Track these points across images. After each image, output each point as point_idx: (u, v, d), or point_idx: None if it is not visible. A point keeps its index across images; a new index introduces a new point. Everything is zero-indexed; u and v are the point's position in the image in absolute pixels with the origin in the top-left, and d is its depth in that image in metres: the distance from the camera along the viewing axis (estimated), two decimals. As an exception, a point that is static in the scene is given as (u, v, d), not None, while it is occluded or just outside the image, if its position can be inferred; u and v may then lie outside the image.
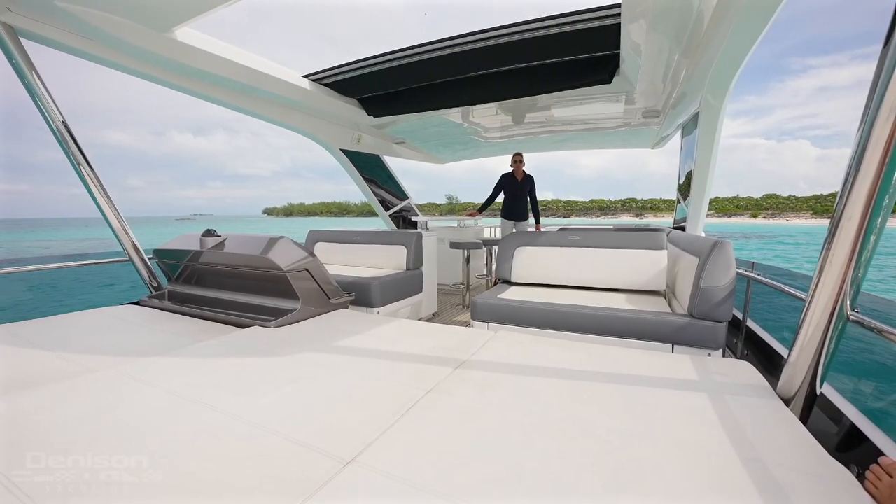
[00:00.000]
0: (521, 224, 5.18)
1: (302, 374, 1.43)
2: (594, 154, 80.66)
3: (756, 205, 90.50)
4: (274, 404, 1.19)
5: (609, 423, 1.09)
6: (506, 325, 2.34)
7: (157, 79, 2.73)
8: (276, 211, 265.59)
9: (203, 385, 1.32)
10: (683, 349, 1.96)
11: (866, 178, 0.98)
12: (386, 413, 1.14)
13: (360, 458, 0.93)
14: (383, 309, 3.04)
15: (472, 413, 1.15)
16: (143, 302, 2.66)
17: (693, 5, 1.97)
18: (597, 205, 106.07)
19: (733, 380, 1.40)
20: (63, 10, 2.01)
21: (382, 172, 5.58)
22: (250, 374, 1.43)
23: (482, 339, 1.87)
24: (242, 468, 0.89)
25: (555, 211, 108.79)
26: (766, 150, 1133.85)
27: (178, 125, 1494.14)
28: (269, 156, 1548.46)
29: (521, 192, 5.15)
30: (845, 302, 1.11)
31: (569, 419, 1.11)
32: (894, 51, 0.89)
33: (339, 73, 3.19)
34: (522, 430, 1.06)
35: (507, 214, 5.24)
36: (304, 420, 1.10)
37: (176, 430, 1.04)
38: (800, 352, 1.23)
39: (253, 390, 1.29)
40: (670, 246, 2.78)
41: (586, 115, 4.17)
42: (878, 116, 0.93)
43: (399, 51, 2.89)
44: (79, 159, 2.42)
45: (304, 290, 2.24)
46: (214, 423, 1.08)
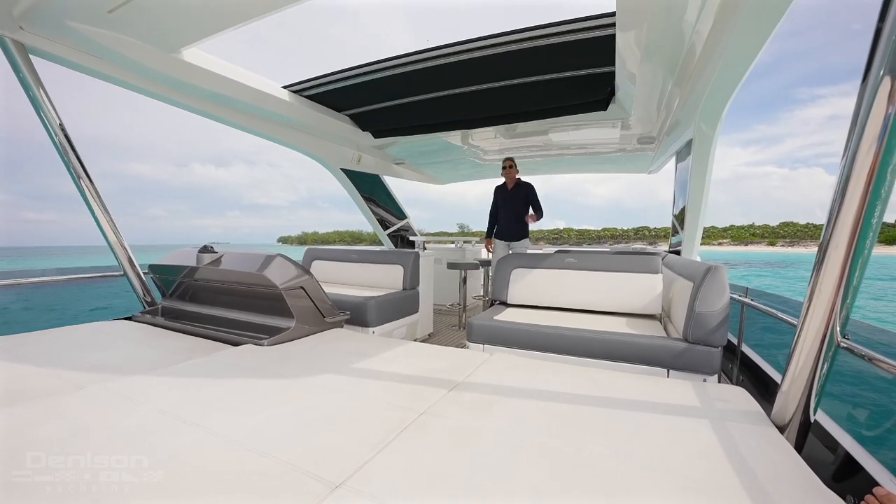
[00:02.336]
0: (516, 245, 4.34)
1: (294, 394, 1.41)
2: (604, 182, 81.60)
3: (773, 233, 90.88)
4: (263, 424, 1.17)
5: (604, 449, 1.08)
6: (501, 348, 2.32)
7: (162, 97, 2.79)
8: (290, 240, 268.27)
9: (191, 403, 1.30)
10: (679, 374, 1.95)
11: (851, 208, 1.01)
12: (378, 435, 1.12)
13: (350, 481, 0.91)
14: (379, 328, 3.02)
15: (464, 437, 1.13)
16: (135, 317, 2.63)
17: (685, 38, 2.05)
18: (609, 233, 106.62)
19: (728, 406, 1.39)
20: (74, 29, 2.07)
21: (382, 192, 5.65)
22: (240, 392, 1.41)
23: (477, 360, 1.85)
24: (228, 489, 0.87)
25: (566, 240, 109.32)
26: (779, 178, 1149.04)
27: (200, 157, 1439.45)
28: (286, 186, 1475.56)
29: (516, 204, 4.29)
30: (835, 329, 1.12)
31: (563, 445, 1.10)
32: (872, 86, 0.93)
33: (327, 83, 3.11)
34: (515, 455, 1.04)
35: (500, 232, 4.43)
36: (293, 441, 1.08)
37: (160, 449, 1.02)
38: (792, 379, 1.23)
39: (242, 409, 1.27)
40: (665, 270, 2.80)
41: (583, 139, 4.27)
42: (859, 148, 0.97)
43: (393, 58, 2.79)
44: (79, 173, 2.44)
45: (299, 309, 2.23)
46: (201, 442, 1.06)
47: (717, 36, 1.92)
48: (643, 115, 3.39)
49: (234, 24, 2.02)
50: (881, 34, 0.91)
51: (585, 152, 4.82)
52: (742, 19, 1.64)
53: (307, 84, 3.14)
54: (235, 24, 2.02)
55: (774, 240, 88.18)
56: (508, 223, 4.35)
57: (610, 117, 3.34)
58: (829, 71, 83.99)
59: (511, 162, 4.30)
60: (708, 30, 1.94)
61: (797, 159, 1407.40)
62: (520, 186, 4.32)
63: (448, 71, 2.82)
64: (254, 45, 70.28)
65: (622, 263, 2.80)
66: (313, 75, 3.07)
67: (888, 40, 0.90)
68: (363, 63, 2.88)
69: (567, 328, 2.23)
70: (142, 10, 1.91)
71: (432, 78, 2.94)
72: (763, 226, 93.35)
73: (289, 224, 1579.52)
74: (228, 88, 2.75)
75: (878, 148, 0.94)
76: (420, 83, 3.03)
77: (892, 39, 0.89)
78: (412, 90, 3.17)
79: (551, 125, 3.73)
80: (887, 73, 0.90)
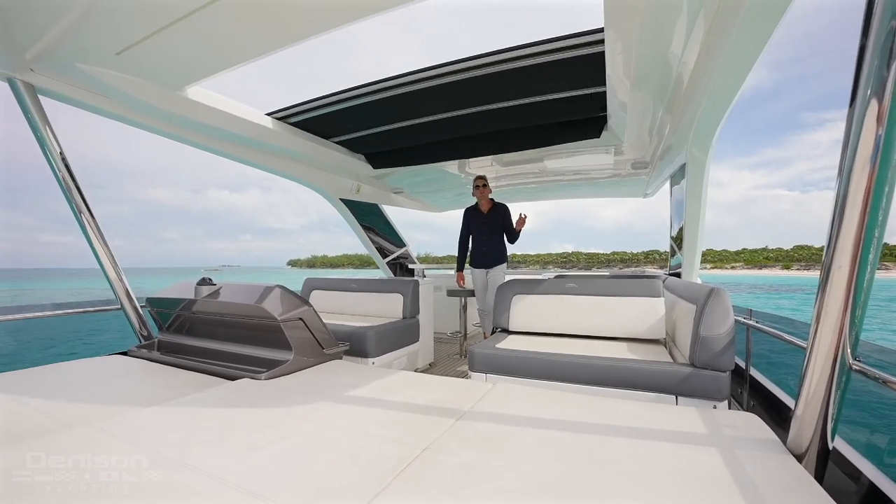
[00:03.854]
0: (494, 271, 3.92)
1: (290, 431, 1.36)
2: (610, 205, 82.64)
3: (787, 256, 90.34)
4: (258, 465, 1.12)
5: (615, 483, 1.03)
6: (504, 377, 2.27)
7: (165, 132, 2.85)
8: (299, 263, 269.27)
9: (185, 443, 1.25)
10: (688, 400, 1.90)
11: (850, 228, 1.01)
12: (378, 475, 1.07)
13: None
14: (378, 359, 2.97)
15: (468, 475, 1.08)
16: (130, 352, 2.58)
17: (672, 68, 2.12)
18: (619, 257, 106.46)
19: (741, 433, 1.34)
20: (83, 70, 2.14)
21: (380, 220, 5.69)
22: (236, 431, 1.36)
23: (480, 391, 1.81)
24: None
25: (575, 263, 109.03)
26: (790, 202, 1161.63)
27: (216, 183, 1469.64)
28: (297, 210, 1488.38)
29: (490, 228, 3.93)
30: (846, 351, 1.10)
31: (573, 479, 1.05)
32: (860, 108, 0.95)
33: (322, 110, 3.03)
34: (523, 493, 0.99)
35: (475, 259, 4.02)
36: (290, 483, 1.03)
37: (152, 493, 0.97)
38: (806, 404, 1.19)
39: (236, 450, 1.22)
40: (667, 293, 2.78)
41: (577, 166, 4.35)
42: (853, 170, 0.98)
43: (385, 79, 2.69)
44: (80, 207, 2.46)
45: (298, 340, 2.20)
46: (194, 485, 1.01)
47: (703, 66, 1.99)
48: (636, 142, 3.46)
49: (237, 63, 2.10)
50: (864, 56, 0.94)
51: (581, 178, 4.89)
52: (726, 50, 1.71)
53: (300, 112, 3.08)
54: (237, 63, 2.10)
55: (789, 263, 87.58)
56: (489, 248, 3.95)
57: (603, 144, 3.41)
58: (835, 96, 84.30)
59: (484, 180, 3.94)
60: (694, 60, 2.01)
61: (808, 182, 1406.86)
62: (496, 208, 3.97)
63: (440, 93, 2.76)
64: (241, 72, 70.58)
65: (623, 287, 2.78)
66: (303, 100, 2.99)
67: (871, 64, 0.92)
68: (353, 86, 2.79)
69: (571, 355, 2.18)
70: (148, 51, 1.98)
71: (424, 101, 2.89)
72: (777, 249, 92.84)
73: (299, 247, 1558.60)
74: (230, 123, 2.82)
75: (872, 168, 0.95)
76: (413, 106, 2.99)
77: (874, 64, 0.92)
78: (409, 113, 3.11)
79: (546, 153, 3.81)
80: (873, 96, 0.92)
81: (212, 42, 1.93)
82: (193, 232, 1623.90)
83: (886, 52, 0.88)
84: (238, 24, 1.79)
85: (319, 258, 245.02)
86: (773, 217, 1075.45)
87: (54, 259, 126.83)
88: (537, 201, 6.62)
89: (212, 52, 2.02)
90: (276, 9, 1.70)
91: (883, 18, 0.89)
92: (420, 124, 3.26)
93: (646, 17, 1.67)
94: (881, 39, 0.89)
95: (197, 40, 1.91)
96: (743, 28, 1.55)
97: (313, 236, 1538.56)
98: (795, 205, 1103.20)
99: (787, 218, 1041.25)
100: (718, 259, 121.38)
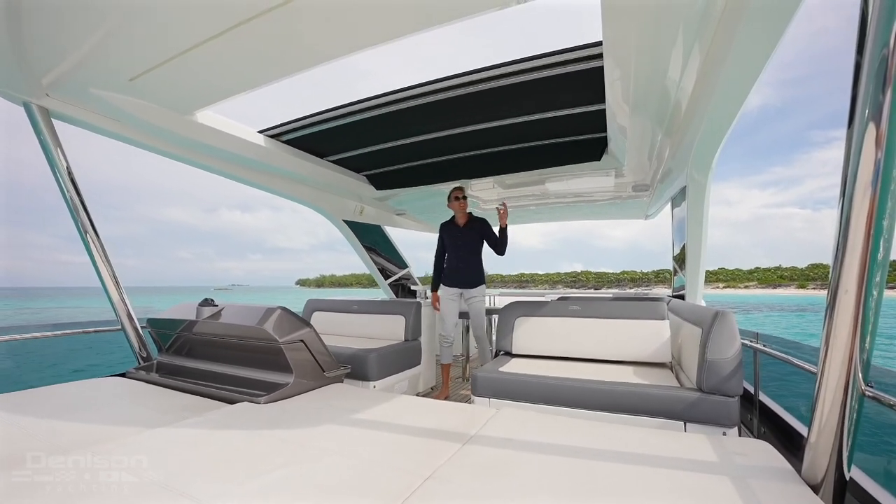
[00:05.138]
0: (472, 296, 3.52)
1: (289, 458, 1.32)
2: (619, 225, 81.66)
3: (802, 275, 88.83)
4: (255, 493, 1.09)
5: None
6: (508, 401, 2.23)
7: (175, 155, 2.91)
8: (308, 282, 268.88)
9: (181, 469, 1.21)
10: (696, 427, 1.85)
11: (855, 252, 1.00)
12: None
13: None
14: (380, 382, 2.92)
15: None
16: (129, 374, 2.55)
17: (670, 94, 2.17)
18: (629, 276, 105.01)
19: (754, 462, 1.30)
20: (96, 95, 2.20)
21: (383, 241, 5.71)
22: (234, 457, 1.33)
23: (483, 417, 1.77)
24: None
25: (585, 283, 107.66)
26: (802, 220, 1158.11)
27: (228, 203, 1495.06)
28: (307, 230, 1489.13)
29: (468, 244, 3.54)
30: (857, 377, 1.08)
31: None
32: (858, 132, 0.96)
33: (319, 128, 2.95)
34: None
35: (449, 278, 3.58)
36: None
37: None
38: (819, 433, 1.16)
39: (234, 477, 1.18)
40: (671, 315, 2.75)
41: (578, 188, 4.39)
42: (854, 194, 0.98)
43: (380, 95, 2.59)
44: (86, 226, 2.49)
45: (299, 363, 2.17)
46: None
47: (700, 91, 2.03)
48: (636, 165, 3.50)
49: (246, 89, 2.15)
50: (860, 81, 0.95)
51: (582, 200, 4.93)
52: (723, 77, 1.75)
53: (294, 130, 3.02)
54: (246, 89, 2.15)
55: (805, 282, 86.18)
56: (465, 266, 3.54)
57: (604, 167, 3.45)
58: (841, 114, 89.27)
59: (461, 192, 3.56)
60: (692, 85, 2.05)
61: (819, 200, 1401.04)
62: (474, 222, 3.59)
63: (437, 109, 2.68)
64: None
65: (627, 310, 2.75)
66: (297, 117, 2.92)
67: (866, 88, 0.94)
68: (348, 102, 2.69)
69: (577, 379, 2.14)
70: (161, 77, 2.04)
71: (422, 118, 2.83)
72: (791, 268, 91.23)
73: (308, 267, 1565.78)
74: (238, 147, 2.87)
75: (874, 192, 0.95)
76: (411, 123, 2.92)
77: (870, 89, 0.93)
78: (407, 131, 3.06)
79: (548, 175, 3.84)
80: (871, 120, 0.94)
81: (222, 69, 1.99)
82: (205, 251, 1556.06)
83: (881, 79, 0.90)
84: (248, 52, 1.85)
85: (328, 277, 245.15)
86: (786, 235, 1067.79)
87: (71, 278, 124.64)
88: (541, 223, 6.66)
89: (222, 78, 2.08)
90: (287, 38, 1.76)
91: (875, 47, 0.91)
92: (419, 143, 3.25)
93: (643, 46, 1.72)
94: (874, 66, 0.91)
95: (208, 67, 1.97)
96: (738, 55, 1.60)
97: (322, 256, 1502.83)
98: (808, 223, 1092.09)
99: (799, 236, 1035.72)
100: (731, 278, 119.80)
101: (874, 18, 0.90)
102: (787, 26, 1.41)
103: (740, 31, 1.47)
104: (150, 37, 1.76)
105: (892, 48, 0.88)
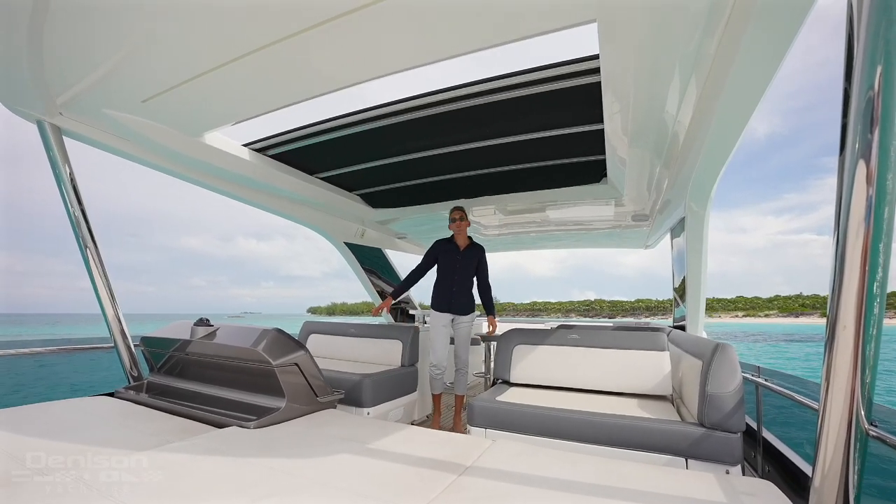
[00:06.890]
0: (462, 319, 3.39)
1: (276, 488, 1.28)
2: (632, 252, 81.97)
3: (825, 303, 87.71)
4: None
5: None
6: (505, 432, 2.17)
7: (183, 175, 2.96)
8: (319, 310, 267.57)
9: (164, 496, 1.17)
10: (699, 464, 1.79)
11: (851, 286, 1.00)
12: None
13: None
14: (374, 409, 2.85)
15: None
16: (117, 393, 2.49)
17: (668, 127, 2.22)
18: (643, 304, 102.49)
19: (759, 503, 1.25)
20: (109, 116, 2.26)
21: (382, 264, 5.71)
22: (217, 485, 1.28)
23: (479, 448, 1.71)
24: None
25: (598, 311, 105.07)
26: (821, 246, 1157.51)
27: (243, 232, 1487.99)
28: (320, 258, 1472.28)
29: (466, 269, 3.39)
30: (860, 415, 1.05)
31: None
32: (850, 167, 0.98)
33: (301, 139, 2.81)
34: None
35: (441, 303, 3.37)
36: None
37: None
38: (824, 475, 1.12)
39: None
40: (672, 346, 2.71)
41: (579, 216, 4.42)
42: (848, 229, 0.99)
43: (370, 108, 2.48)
44: (87, 243, 2.49)
45: (292, 387, 2.12)
46: None
47: (697, 124, 2.08)
48: (635, 195, 3.54)
49: (256, 113, 2.21)
50: (848, 118, 0.97)
51: (582, 228, 4.96)
52: (719, 110, 1.79)
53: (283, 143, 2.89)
54: (256, 113, 2.21)
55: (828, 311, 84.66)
56: (460, 290, 3.38)
57: (604, 196, 3.49)
58: None
59: (462, 213, 3.40)
60: (689, 119, 2.10)
61: None
62: (473, 248, 3.46)
63: (430, 124, 2.58)
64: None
65: (626, 340, 2.72)
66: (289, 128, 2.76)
67: (855, 128, 0.96)
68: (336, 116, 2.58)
69: (576, 411, 2.09)
70: (173, 99, 2.10)
71: (415, 133, 2.73)
72: (813, 296, 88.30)
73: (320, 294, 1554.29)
74: (244, 168, 2.92)
75: (867, 229, 0.96)
76: (404, 139, 2.82)
77: (858, 129, 0.95)
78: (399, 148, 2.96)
79: (548, 201, 3.87)
80: (860, 157, 0.95)
81: (234, 94, 2.05)
82: (219, 279, 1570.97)
83: (868, 119, 0.93)
84: (259, 79, 1.91)
85: (339, 305, 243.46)
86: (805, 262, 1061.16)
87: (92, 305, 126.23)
88: (540, 249, 6.68)
89: (233, 103, 2.14)
90: (297, 66, 1.82)
91: (861, 90, 0.94)
92: (414, 160, 3.13)
93: (641, 81, 1.77)
94: (861, 108, 0.94)
95: (220, 91, 2.03)
96: (734, 89, 1.64)
97: (334, 283, 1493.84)
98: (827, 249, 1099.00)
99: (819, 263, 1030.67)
100: (750, 307, 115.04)
101: (859, 61, 0.94)
102: (782, 62, 1.46)
103: (736, 65, 1.52)
104: (166, 61, 1.82)
105: (878, 90, 0.91)
